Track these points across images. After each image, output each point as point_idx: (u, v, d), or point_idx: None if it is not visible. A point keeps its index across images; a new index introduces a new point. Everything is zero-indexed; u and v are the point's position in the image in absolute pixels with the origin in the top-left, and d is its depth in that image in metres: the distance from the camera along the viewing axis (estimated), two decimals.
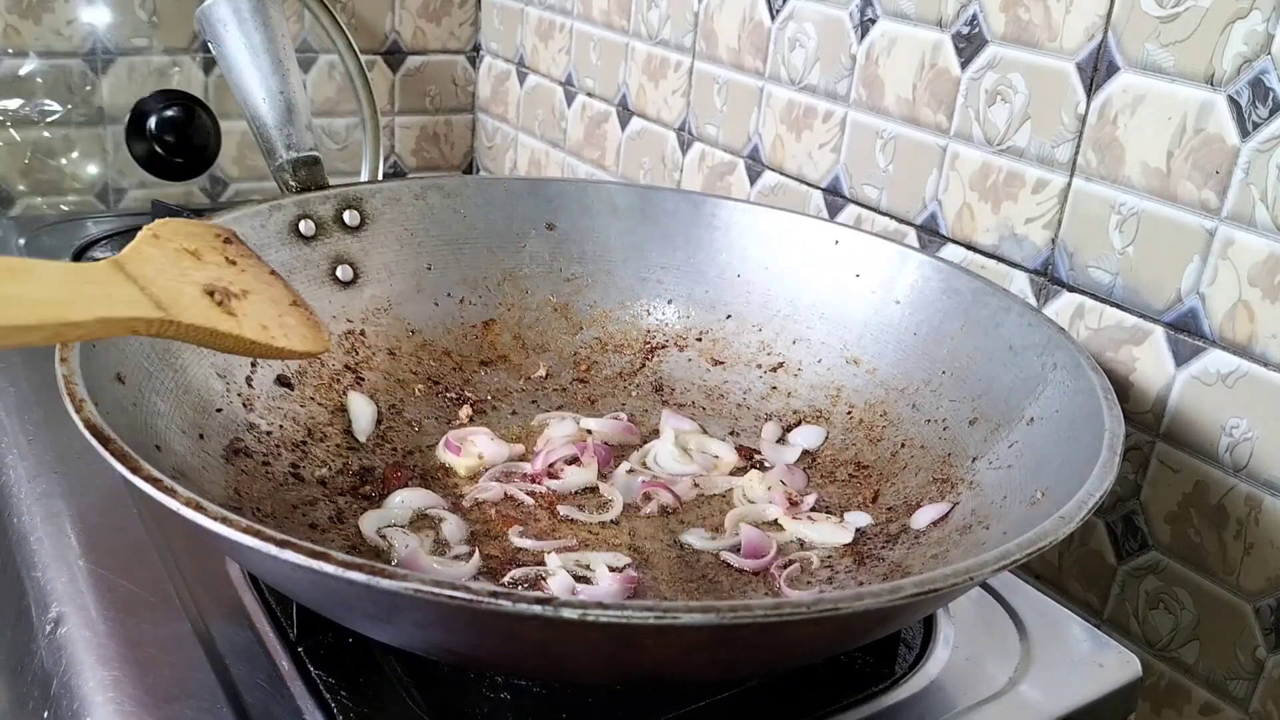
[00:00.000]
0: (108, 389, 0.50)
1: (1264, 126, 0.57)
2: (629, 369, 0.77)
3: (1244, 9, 0.58)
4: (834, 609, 0.38)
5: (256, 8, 0.75)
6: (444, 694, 0.49)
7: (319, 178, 0.74)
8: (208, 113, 1.11)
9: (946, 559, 0.55)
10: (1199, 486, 0.63)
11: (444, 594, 0.36)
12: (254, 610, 0.54)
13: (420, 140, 1.30)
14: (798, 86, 0.86)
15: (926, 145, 0.76)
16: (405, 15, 1.23)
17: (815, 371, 0.73)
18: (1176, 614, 0.65)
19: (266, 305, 0.49)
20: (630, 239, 0.79)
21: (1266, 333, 0.59)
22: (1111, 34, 0.64)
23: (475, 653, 0.47)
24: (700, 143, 0.97)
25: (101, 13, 1.06)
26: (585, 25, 1.10)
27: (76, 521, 0.59)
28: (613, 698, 0.50)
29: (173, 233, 0.48)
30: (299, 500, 0.60)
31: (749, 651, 0.43)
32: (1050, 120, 0.68)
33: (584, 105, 1.12)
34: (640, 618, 0.36)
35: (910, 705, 0.52)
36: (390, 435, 0.68)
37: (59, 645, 0.51)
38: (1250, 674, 0.61)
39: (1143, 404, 0.65)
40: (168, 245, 0.46)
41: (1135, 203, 0.64)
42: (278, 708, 0.48)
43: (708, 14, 0.94)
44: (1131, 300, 0.65)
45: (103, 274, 0.42)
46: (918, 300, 0.69)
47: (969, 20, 0.72)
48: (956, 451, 0.62)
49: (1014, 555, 0.42)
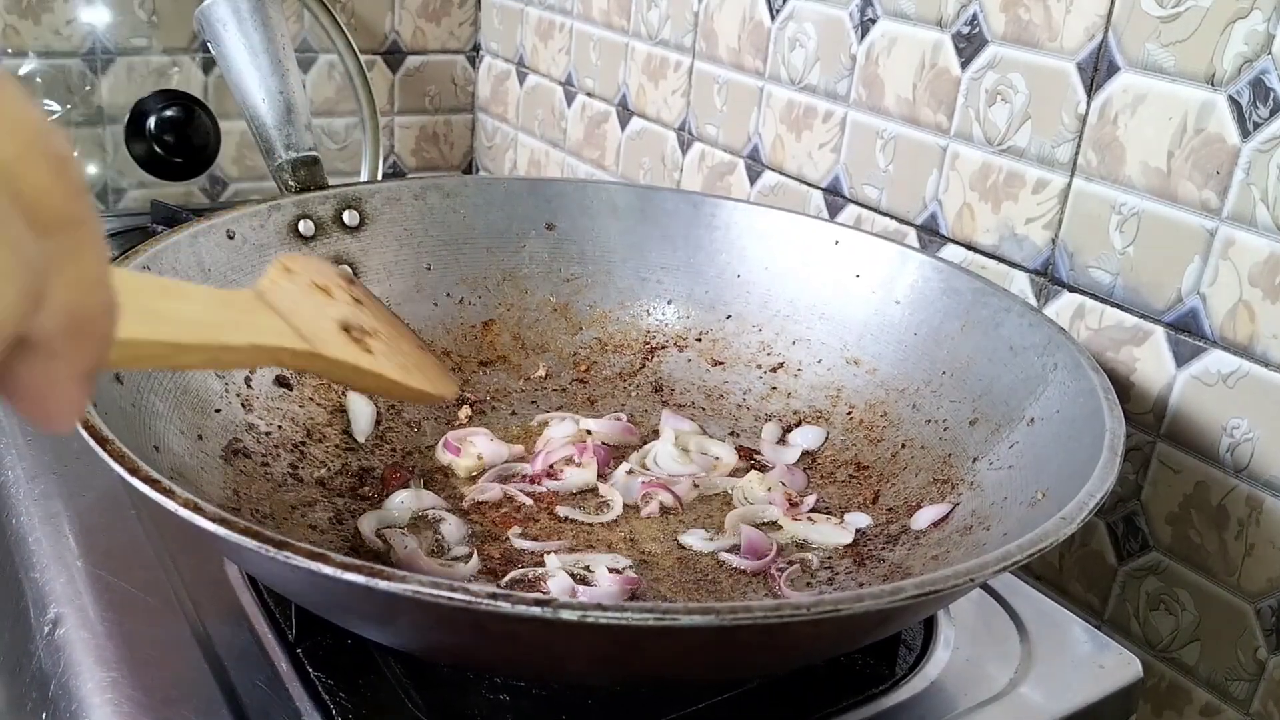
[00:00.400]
0: (106, 389, 0.50)
1: (1265, 126, 0.57)
2: (629, 369, 0.77)
3: (1244, 9, 0.57)
4: (834, 610, 0.38)
5: (256, 8, 0.75)
6: (443, 695, 0.49)
7: (318, 178, 0.74)
8: (207, 113, 1.11)
9: (947, 560, 0.55)
10: (1200, 487, 0.63)
11: (442, 595, 0.36)
12: (253, 611, 0.54)
13: (420, 140, 1.30)
14: (798, 86, 0.86)
15: (927, 145, 0.76)
16: (405, 15, 1.23)
17: (815, 372, 0.73)
18: (1177, 615, 0.65)
19: (399, 345, 0.48)
20: (630, 239, 0.79)
21: (1267, 333, 0.59)
22: (1112, 34, 0.64)
23: (474, 654, 0.47)
24: (700, 143, 0.97)
25: (101, 13, 1.06)
26: (585, 25, 1.10)
27: (75, 522, 0.59)
28: (612, 699, 0.50)
29: (303, 267, 0.46)
30: (298, 501, 0.60)
31: (749, 653, 0.43)
32: (1050, 120, 0.68)
33: (584, 105, 1.12)
34: (639, 619, 0.36)
35: (910, 706, 0.52)
36: (389, 436, 0.68)
37: (57, 646, 0.50)
38: (1251, 675, 0.61)
39: (1143, 404, 0.65)
40: (300, 279, 0.45)
41: (1136, 203, 0.64)
42: (276, 709, 0.48)
43: (708, 14, 0.94)
44: (1132, 300, 0.65)
45: (248, 302, 0.40)
46: (918, 300, 0.69)
47: (969, 20, 0.72)
48: (957, 452, 0.62)
49: (1015, 556, 0.42)
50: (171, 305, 0.34)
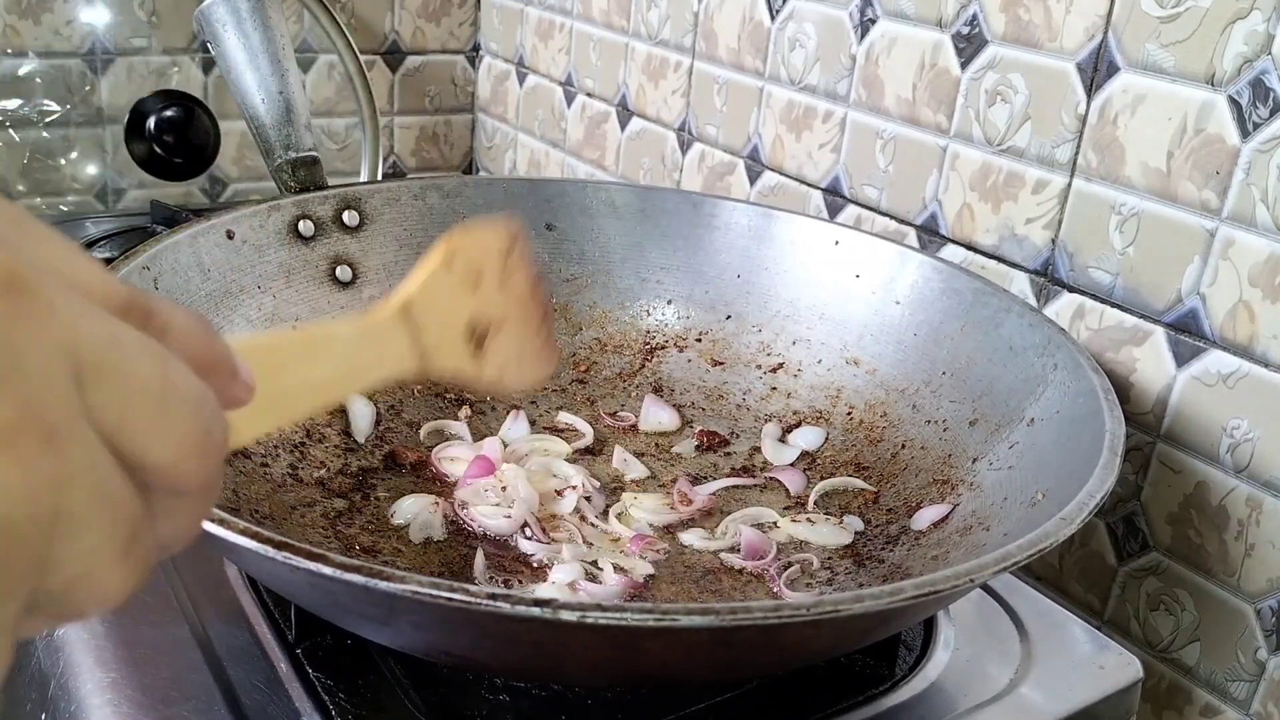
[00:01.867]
0: None
1: (1264, 127, 0.57)
2: (628, 369, 0.77)
3: (1244, 9, 0.57)
4: (834, 611, 0.38)
5: (255, 8, 0.75)
6: (443, 696, 0.49)
7: (318, 178, 0.74)
8: (207, 113, 1.11)
9: (947, 560, 0.55)
10: (1200, 487, 0.63)
11: (442, 595, 0.36)
12: (252, 612, 0.54)
13: (420, 140, 1.30)
14: (798, 87, 0.86)
15: (926, 145, 0.76)
16: (405, 15, 1.23)
17: (815, 372, 0.73)
18: (1177, 615, 0.65)
19: (516, 338, 0.46)
20: (630, 239, 0.79)
21: (1267, 333, 0.59)
22: (1112, 34, 0.64)
23: (474, 655, 0.47)
24: (700, 143, 0.97)
25: (100, 13, 1.06)
26: (585, 25, 1.10)
27: None
28: (612, 699, 0.50)
29: (467, 251, 0.43)
30: (297, 501, 0.60)
31: (749, 653, 0.43)
32: (1050, 120, 0.68)
33: (584, 105, 1.12)
34: (639, 620, 0.36)
35: (910, 707, 0.52)
36: (389, 436, 0.68)
37: (56, 647, 0.50)
38: (1251, 675, 0.61)
39: (1143, 405, 0.65)
40: (458, 269, 0.42)
41: (1135, 203, 0.64)
42: (276, 710, 0.48)
43: (708, 14, 0.94)
44: (1132, 301, 0.65)
45: (390, 329, 0.38)
46: (918, 301, 0.69)
47: (969, 20, 0.72)
48: (957, 452, 0.62)
49: (1015, 557, 0.42)
50: (307, 371, 0.32)
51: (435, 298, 0.40)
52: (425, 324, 0.39)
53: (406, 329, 0.38)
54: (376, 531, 0.60)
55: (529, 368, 0.46)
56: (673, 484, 0.66)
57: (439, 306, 0.40)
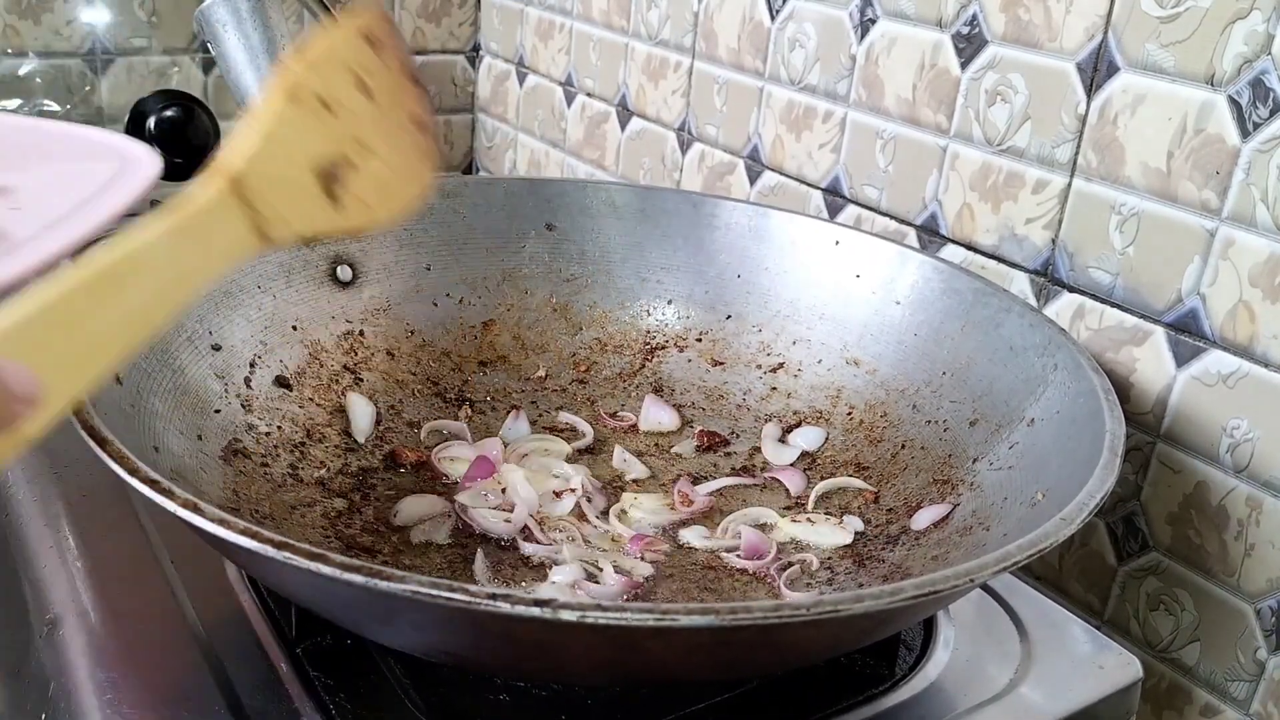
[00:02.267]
0: (105, 390, 0.50)
1: (1264, 127, 0.57)
2: (629, 369, 0.77)
3: (1244, 9, 0.57)
4: (834, 611, 0.38)
5: (256, 8, 0.75)
6: (443, 696, 0.49)
7: None
8: (207, 113, 1.10)
9: (947, 560, 0.55)
10: (1200, 487, 0.63)
11: (442, 595, 0.36)
12: (252, 612, 0.54)
13: None
14: (798, 87, 0.86)
15: (926, 145, 0.76)
16: (405, 15, 1.23)
17: (815, 372, 0.73)
18: (1177, 615, 0.65)
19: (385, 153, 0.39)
20: (630, 239, 0.79)
21: (1267, 333, 0.59)
22: (1111, 34, 0.64)
23: (474, 655, 0.47)
24: (700, 143, 0.97)
25: (101, 13, 1.06)
26: (585, 25, 1.10)
27: (74, 523, 0.59)
28: (612, 699, 0.50)
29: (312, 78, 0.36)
30: (297, 501, 0.60)
31: (749, 653, 0.43)
32: (1050, 120, 0.68)
33: (584, 105, 1.12)
34: (639, 620, 0.36)
35: (910, 707, 0.52)
36: (389, 436, 0.68)
37: (56, 647, 0.50)
38: (1251, 676, 0.61)
39: (1143, 405, 0.65)
40: (307, 104, 0.35)
41: (1135, 203, 0.64)
42: (276, 710, 0.48)
43: (707, 14, 0.94)
44: (1132, 301, 0.65)
45: (215, 214, 0.32)
46: (918, 301, 0.69)
47: (969, 20, 0.72)
48: (957, 452, 0.62)
49: (1015, 557, 0.42)
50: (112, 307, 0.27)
51: (276, 155, 0.34)
52: (261, 191, 0.33)
53: (238, 206, 0.33)
54: (376, 531, 0.60)
55: (401, 186, 0.40)
56: (673, 484, 0.66)
57: (279, 162, 0.34)
